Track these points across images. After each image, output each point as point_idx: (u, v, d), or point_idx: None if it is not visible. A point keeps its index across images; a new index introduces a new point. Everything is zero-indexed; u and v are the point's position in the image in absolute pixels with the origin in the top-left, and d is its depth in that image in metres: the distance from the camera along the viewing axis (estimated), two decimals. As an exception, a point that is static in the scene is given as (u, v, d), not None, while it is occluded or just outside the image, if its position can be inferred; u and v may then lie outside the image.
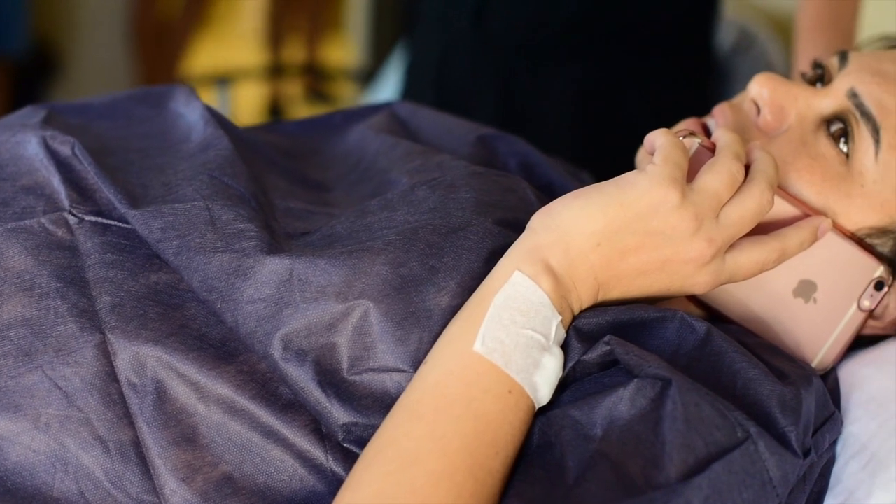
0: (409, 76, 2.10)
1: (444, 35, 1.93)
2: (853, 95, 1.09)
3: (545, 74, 1.83)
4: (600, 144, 1.44)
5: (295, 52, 4.90)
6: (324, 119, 1.35)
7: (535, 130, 1.45)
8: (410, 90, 2.06)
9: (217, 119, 1.15)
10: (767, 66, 2.16)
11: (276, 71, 4.47)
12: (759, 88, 1.11)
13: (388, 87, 2.70)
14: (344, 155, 1.23)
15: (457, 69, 1.90)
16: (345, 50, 4.60)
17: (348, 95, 4.21)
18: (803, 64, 1.56)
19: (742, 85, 1.16)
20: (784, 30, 2.18)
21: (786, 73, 1.45)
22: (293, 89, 4.67)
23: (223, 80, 3.38)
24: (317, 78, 4.55)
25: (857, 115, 1.08)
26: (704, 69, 1.89)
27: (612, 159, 1.21)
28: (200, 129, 1.14)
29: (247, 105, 4.51)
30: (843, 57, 1.13)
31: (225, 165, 1.07)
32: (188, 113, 1.19)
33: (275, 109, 4.58)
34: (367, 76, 3.37)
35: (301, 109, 4.66)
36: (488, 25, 1.83)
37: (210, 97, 3.54)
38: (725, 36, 2.20)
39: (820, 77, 1.14)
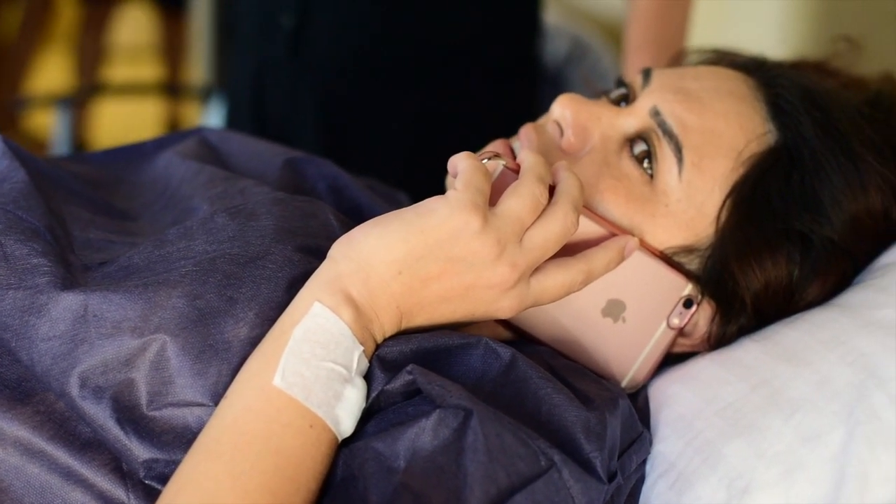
0: (228, 101, 2.06)
1: (259, 61, 1.88)
2: (655, 114, 1.09)
3: (370, 102, 1.80)
4: (429, 168, 1.42)
5: (149, 71, 4.85)
6: (134, 147, 1.32)
7: (361, 156, 1.43)
8: (230, 116, 2.01)
9: (14, 152, 1.12)
10: (601, 76, 2.17)
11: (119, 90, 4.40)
12: (562, 110, 1.10)
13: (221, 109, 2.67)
14: (151, 182, 1.22)
15: (274, 96, 1.86)
16: (194, 69, 4.55)
17: (195, 115, 4.17)
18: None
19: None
20: (618, 39, 2.19)
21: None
22: (147, 108, 4.62)
23: (65, 101, 3.32)
24: (169, 97, 4.50)
25: (660, 133, 1.08)
26: (531, 87, 1.88)
27: (440, 182, 1.19)
28: None
29: (99, 124, 4.45)
30: (647, 75, 1.13)
31: (20, 199, 1.05)
32: None
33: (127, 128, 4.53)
34: (210, 95, 3.34)
35: (153, 129, 4.60)
36: (307, 54, 1.80)
37: (51, 117, 3.48)
38: (559, 45, 2.20)
39: (625, 96, 1.14)
